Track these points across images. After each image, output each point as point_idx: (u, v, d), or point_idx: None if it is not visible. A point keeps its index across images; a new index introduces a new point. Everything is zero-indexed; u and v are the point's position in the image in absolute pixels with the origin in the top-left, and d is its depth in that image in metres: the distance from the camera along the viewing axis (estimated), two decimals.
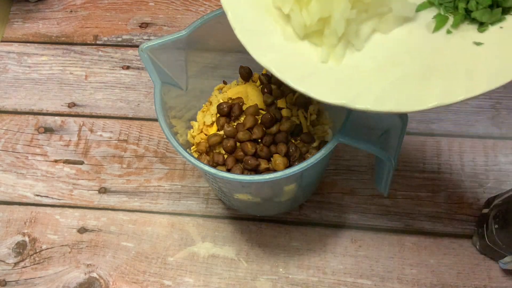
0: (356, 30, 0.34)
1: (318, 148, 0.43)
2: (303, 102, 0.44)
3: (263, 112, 0.43)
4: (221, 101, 0.46)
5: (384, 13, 0.34)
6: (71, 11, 0.65)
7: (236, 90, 0.46)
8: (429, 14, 0.34)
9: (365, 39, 0.34)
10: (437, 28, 0.34)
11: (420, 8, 0.34)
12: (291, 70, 0.32)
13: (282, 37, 0.34)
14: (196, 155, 0.44)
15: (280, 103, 0.44)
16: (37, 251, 0.50)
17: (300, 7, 0.34)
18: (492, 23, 0.32)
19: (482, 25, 0.32)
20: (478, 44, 0.32)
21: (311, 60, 0.34)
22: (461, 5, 0.33)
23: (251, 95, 0.45)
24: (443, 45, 0.33)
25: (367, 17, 0.34)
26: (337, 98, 0.31)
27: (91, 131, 0.57)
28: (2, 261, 0.50)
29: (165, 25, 0.63)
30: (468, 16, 0.33)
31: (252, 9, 0.35)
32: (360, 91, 0.32)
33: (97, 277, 0.49)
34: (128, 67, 0.61)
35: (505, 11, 0.32)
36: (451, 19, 0.34)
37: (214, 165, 0.42)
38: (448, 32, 0.33)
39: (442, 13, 0.34)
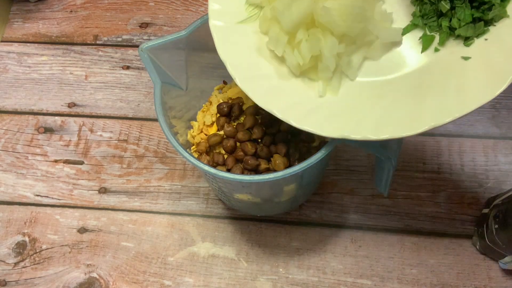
0: (347, 62, 0.35)
1: (318, 148, 0.43)
2: None
3: (263, 112, 0.43)
4: (221, 101, 0.46)
5: (372, 41, 0.35)
6: (71, 11, 0.65)
7: (236, 90, 0.46)
8: (414, 36, 0.35)
9: (358, 68, 0.36)
10: (425, 48, 0.35)
11: (405, 31, 0.36)
12: (292, 110, 0.34)
13: (279, 78, 0.36)
14: (196, 155, 0.44)
15: None
16: (37, 251, 0.50)
17: (292, 48, 0.35)
18: (477, 36, 0.33)
19: (467, 40, 0.33)
20: (466, 58, 0.33)
21: (310, 96, 0.36)
22: (445, 24, 0.34)
23: None
24: (432, 63, 0.34)
25: (356, 48, 0.35)
26: (338, 132, 0.33)
27: (91, 131, 0.57)
28: (2, 261, 0.50)
29: (165, 25, 0.63)
30: (453, 33, 0.34)
31: (248, 55, 0.37)
32: (359, 121, 0.33)
33: (97, 277, 0.49)
34: (128, 67, 0.61)
35: (488, 23, 0.33)
36: (437, 38, 0.35)
37: (214, 165, 0.42)
38: (436, 50, 0.34)
39: (428, 33, 0.35)
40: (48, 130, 0.57)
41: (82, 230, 0.51)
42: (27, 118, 0.58)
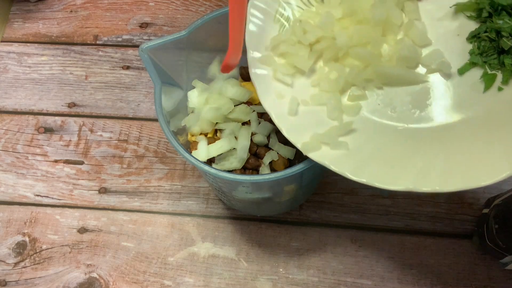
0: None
1: None
2: None
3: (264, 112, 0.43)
4: None
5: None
6: (71, 11, 0.65)
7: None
8: (473, 75, 0.34)
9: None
10: (487, 87, 0.33)
11: (463, 71, 0.34)
12: (346, 161, 0.33)
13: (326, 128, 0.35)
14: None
15: None
16: (37, 251, 0.50)
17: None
18: None
19: None
20: None
21: (360, 145, 0.34)
22: (508, 61, 0.32)
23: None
24: (496, 103, 0.32)
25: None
26: (403, 184, 0.31)
27: (91, 131, 0.57)
28: (2, 261, 0.50)
29: (165, 25, 0.63)
30: None
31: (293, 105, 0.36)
32: (422, 171, 0.31)
33: (97, 277, 0.49)
34: (128, 67, 0.61)
35: None
36: (499, 76, 0.33)
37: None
38: (500, 89, 0.33)
39: (489, 71, 0.33)
40: (48, 130, 0.57)
41: (82, 230, 0.51)
42: (27, 118, 0.58)
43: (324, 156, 0.33)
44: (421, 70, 0.36)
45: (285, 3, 0.38)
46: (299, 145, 0.33)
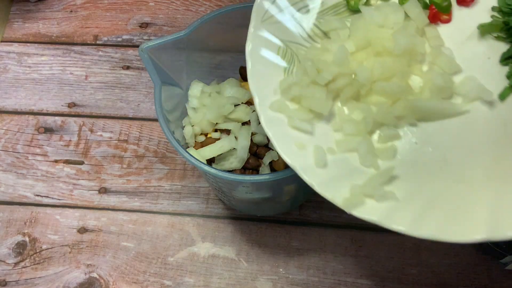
0: None
1: None
2: None
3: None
4: None
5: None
6: (71, 11, 0.65)
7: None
8: None
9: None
10: None
11: (504, 96, 0.32)
12: (400, 216, 0.29)
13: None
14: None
15: None
16: (37, 251, 0.50)
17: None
18: None
19: None
20: None
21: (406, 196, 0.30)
22: None
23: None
24: None
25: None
26: (478, 234, 0.26)
27: (91, 131, 0.57)
28: (2, 261, 0.50)
29: (165, 25, 0.63)
30: None
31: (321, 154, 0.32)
32: (491, 215, 0.27)
33: (97, 277, 0.49)
34: (128, 67, 0.61)
35: None
36: None
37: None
38: None
39: None
40: (48, 130, 0.57)
41: (82, 230, 0.51)
42: (27, 118, 0.58)
43: (371, 211, 0.29)
44: (456, 100, 0.33)
45: (287, 42, 0.35)
46: (339, 202, 0.30)
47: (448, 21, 0.35)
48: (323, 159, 0.31)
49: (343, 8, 0.36)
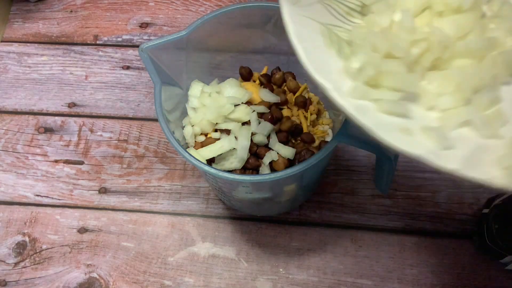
0: None
1: (318, 148, 0.43)
2: (303, 102, 0.44)
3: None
4: None
5: None
6: (71, 11, 0.65)
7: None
8: None
9: None
10: None
11: None
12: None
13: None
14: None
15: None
16: (37, 251, 0.50)
17: None
18: None
19: None
20: None
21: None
22: None
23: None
24: None
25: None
26: None
27: (91, 131, 0.57)
28: (2, 261, 0.50)
29: (165, 25, 0.63)
30: None
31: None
32: None
33: (97, 277, 0.49)
34: (128, 67, 0.61)
35: None
36: None
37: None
38: None
39: None
40: (48, 130, 0.57)
41: (82, 230, 0.51)
42: (27, 118, 0.58)
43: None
44: None
45: (326, 24, 0.31)
46: (498, 183, 0.25)
47: None
48: (445, 140, 0.27)
49: None
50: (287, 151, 0.41)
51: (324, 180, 0.52)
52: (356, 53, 0.29)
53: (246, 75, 0.46)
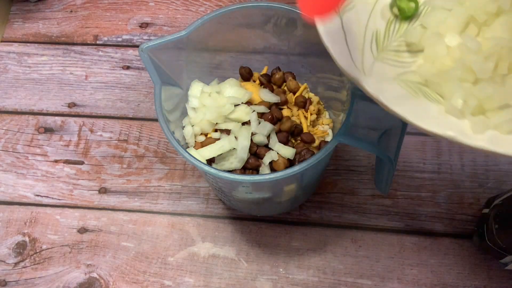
0: None
1: (318, 148, 0.43)
2: (303, 102, 0.44)
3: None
4: None
5: None
6: (71, 11, 0.65)
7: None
8: None
9: None
10: None
11: None
12: None
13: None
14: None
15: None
16: (37, 251, 0.50)
17: None
18: None
19: None
20: None
21: None
22: None
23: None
24: None
25: None
26: None
27: (91, 131, 0.57)
28: (2, 261, 0.50)
29: (165, 25, 0.63)
30: None
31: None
32: None
33: (97, 277, 0.49)
34: (128, 67, 0.61)
35: None
36: None
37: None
38: None
39: None
40: (48, 130, 0.57)
41: (82, 230, 0.51)
42: (27, 118, 0.58)
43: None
44: None
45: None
46: None
47: None
48: None
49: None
50: (287, 151, 0.41)
51: (324, 180, 0.52)
52: (448, 91, 0.29)
53: (246, 75, 0.46)
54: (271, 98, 0.43)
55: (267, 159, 0.41)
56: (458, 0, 0.32)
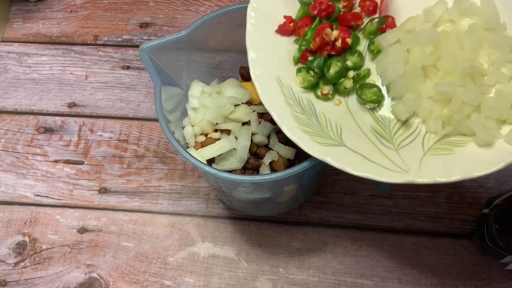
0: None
1: None
2: None
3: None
4: None
5: None
6: (71, 11, 0.65)
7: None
8: None
9: None
10: None
11: None
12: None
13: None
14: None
15: None
16: (37, 251, 0.50)
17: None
18: None
19: None
20: None
21: None
22: None
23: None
24: None
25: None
26: None
27: (91, 131, 0.57)
28: (2, 261, 0.50)
29: (165, 25, 0.63)
30: None
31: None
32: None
33: (97, 277, 0.49)
34: (128, 67, 0.61)
35: None
36: None
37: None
38: None
39: None
40: (48, 130, 0.57)
41: (82, 230, 0.51)
42: (27, 118, 0.58)
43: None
44: None
45: None
46: None
47: None
48: None
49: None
50: (287, 151, 0.41)
51: (324, 180, 0.52)
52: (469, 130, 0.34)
53: (246, 75, 0.46)
54: None
55: (267, 159, 0.41)
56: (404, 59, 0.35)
